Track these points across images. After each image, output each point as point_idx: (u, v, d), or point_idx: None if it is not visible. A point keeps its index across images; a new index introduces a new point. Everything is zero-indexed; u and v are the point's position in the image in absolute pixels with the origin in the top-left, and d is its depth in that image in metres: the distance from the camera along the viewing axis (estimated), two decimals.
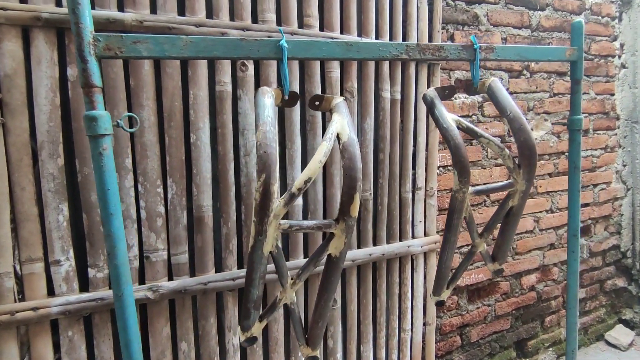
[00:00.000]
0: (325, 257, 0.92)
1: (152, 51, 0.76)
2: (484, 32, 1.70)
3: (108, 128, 0.74)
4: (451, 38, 1.63)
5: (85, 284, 1.07)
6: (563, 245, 2.05)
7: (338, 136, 0.87)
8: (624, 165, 2.25)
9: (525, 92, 1.85)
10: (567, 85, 1.94)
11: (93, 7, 1.01)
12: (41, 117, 0.99)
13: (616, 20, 2.13)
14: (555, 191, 1.99)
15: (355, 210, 0.84)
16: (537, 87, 1.88)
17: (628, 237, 2.30)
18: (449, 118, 1.03)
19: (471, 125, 1.05)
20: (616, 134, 2.21)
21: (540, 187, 1.94)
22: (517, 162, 1.07)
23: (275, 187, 0.78)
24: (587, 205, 2.13)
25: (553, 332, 2.09)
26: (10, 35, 0.95)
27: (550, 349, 2.08)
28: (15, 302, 1.00)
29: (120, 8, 1.04)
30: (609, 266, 2.28)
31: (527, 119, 1.82)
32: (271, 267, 1.04)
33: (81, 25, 0.70)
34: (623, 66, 2.18)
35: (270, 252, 0.86)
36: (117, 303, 0.77)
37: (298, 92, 1.01)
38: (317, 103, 0.96)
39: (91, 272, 1.07)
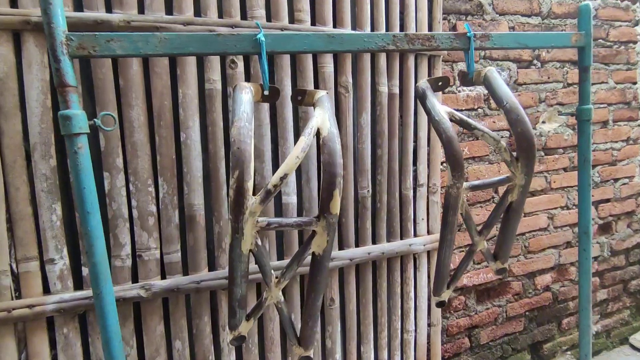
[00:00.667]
0: (311, 256, 0.90)
1: (126, 49, 0.76)
2: (490, 21, 1.64)
3: (83, 127, 0.75)
4: (453, 29, 1.57)
5: (80, 282, 1.09)
6: None
7: (319, 131, 0.85)
8: None
9: (536, 83, 1.76)
10: None
11: (81, 9, 1.02)
12: (33, 119, 1.01)
13: (637, 4, 2.00)
14: (571, 186, 1.89)
15: (335, 207, 0.82)
16: (549, 77, 1.79)
17: None
18: (441, 110, 0.99)
19: (464, 117, 1.00)
20: (639, 125, 2.07)
21: (554, 182, 1.85)
22: (515, 155, 1.02)
23: (250, 184, 0.76)
24: (607, 201, 2.01)
25: (571, 335, 1.98)
26: (2, 39, 0.97)
27: (569, 352, 1.98)
28: (12, 299, 1.03)
29: (108, 9, 1.05)
30: (633, 265, 2.15)
31: (538, 111, 1.74)
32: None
33: (53, 25, 0.71)
34: None
35: (251, 251, 0.84)
36: (96, 301, 0.78)
37: (278, 87, 0.99)
38: (299, 98, 0.94)
39: (85, 270, 1.08)
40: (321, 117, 0.85)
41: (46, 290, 1.06)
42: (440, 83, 1.08)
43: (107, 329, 0.78)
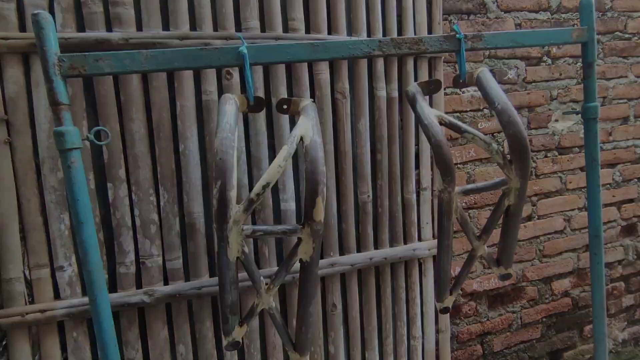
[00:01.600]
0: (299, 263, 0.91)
1: (114, 67, 0.80)
2: (494, 19, 1.60)
3: (75, 142, 0.79)
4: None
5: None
6: (605, 245, 1.85)
7: (302, 139, 0.86)
8: None
9: (547, 81, 1.70)
10: (597, 69, 1.76)
11: (83, 30, 1.08)
12: (41, 135, 1.08)
13: None
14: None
15: (319, 215, 0.82)
16: (560, 74, 1.72)
17: None
18: (431, 114, 0.98)
19: (454, 121, 0.99)
20: None
21: (570, 182, 1.77)
22: (509, 158, 0.99)
23: (232, 193, 0.78)
24: (631, 201, 1.91)
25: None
26: (13, 62, 1.05)
27: None
28: (25, 304, 1.09)
29: (109, 28, 1.10)
30: None
31: (550, 109, 1.68)
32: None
33: (45, 48, 0.76)
34: None
35: (238, 258, 0.86)
36: (92, 307, 0.82)
37: (264, 97, 1.01)
38: (284, 107, 0.95)
39: None
40: (304, 126, 0.86)
41: (57, 295, 1.12)
42: (432, 87, 1.07)
43: (103, 334, 0.82)
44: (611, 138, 1.85)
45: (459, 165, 1.58)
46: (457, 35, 1.00)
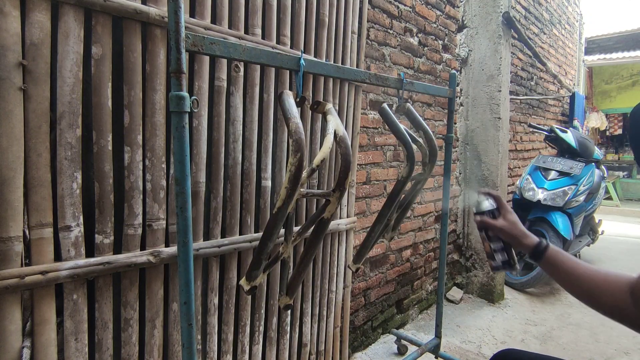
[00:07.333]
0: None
1: (221, 52, 0.99)
2: (387, 67, 2.30)
3: (188, 106, 0.93)
4: (368, 68, 2.15)
5: (91, 250, 1.13)
6: (426, 228, 2.82)
7: (335, 132, 1.23)
8: (460, 174, 3.21)
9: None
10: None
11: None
12: (64, 88, 1.04)
13: (457, 72, 3.06)
14: (425, 188, 2.73)
15: (347, 184, 1.22)
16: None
17: (461, 223, 3.26)
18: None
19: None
20: (456, 151, 3.14)
21: None
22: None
23: (305, 163, 1.09)
24: (439, 200, 2.97)
25: (418, 293, 2.82)
26: (41, 7, 1.00)
27: (416, 306, 2.81)
28: (22, 266, 1.01)
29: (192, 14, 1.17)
30: (448, 244, 3.19)
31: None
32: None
33: (180, 24, 0.89)
34: (461, 105, 3.14)
35: (288, 213, 1.15)
36: (182, 248, 0.95)
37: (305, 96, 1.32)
38: (315, 106, 1.29)
39: (98, 238, 1.14)
40: (336, 123, 1.24)
41: (57, 257, 1.07)
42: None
43: (187, 271, 0.97)
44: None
45: (362, 166, 2.18)
46: (402, 79, 1.58)
